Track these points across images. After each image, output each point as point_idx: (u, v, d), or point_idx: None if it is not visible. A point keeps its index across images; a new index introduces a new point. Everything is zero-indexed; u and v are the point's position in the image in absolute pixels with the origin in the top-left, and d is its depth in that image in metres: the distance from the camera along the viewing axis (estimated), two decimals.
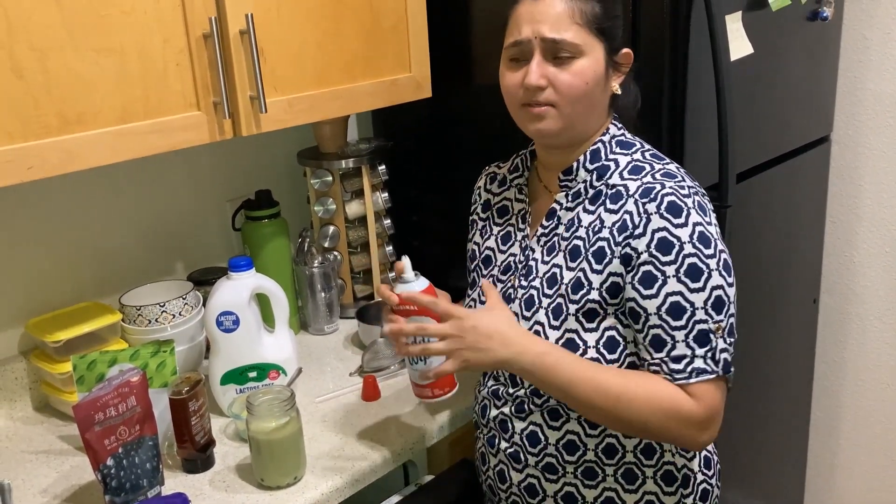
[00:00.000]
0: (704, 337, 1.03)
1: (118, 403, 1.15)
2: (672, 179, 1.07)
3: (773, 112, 1.68)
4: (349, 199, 1.75)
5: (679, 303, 1.03)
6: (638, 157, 1.13)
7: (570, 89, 1.08)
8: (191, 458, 1.26)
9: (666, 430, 1.04)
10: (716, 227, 1.07)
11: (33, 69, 1.09)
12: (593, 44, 1.08)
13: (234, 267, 1.37)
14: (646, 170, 1.10)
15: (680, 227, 1.03)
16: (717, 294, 1.03)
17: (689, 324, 1.03)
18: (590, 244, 1.10)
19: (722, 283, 1.04)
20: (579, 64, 1.08)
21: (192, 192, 1.71)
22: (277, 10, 1.34)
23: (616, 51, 1.11)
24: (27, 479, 1.28)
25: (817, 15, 1.71)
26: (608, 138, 1.15)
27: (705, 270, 1.03)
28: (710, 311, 1.03)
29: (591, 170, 1.14)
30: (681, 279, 1.03)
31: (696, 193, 1.07)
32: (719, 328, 1.04)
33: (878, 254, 2.00)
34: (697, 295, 1.03)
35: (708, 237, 1.04)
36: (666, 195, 1.05)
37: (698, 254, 1.03)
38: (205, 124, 1.28)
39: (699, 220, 1.04)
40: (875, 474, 2.14)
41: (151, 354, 1.31)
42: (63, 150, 1.14)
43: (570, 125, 1.11)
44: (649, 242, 1.04)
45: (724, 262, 1.05)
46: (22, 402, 1.48)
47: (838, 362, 2.13)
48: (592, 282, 1.08)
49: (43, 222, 1.50)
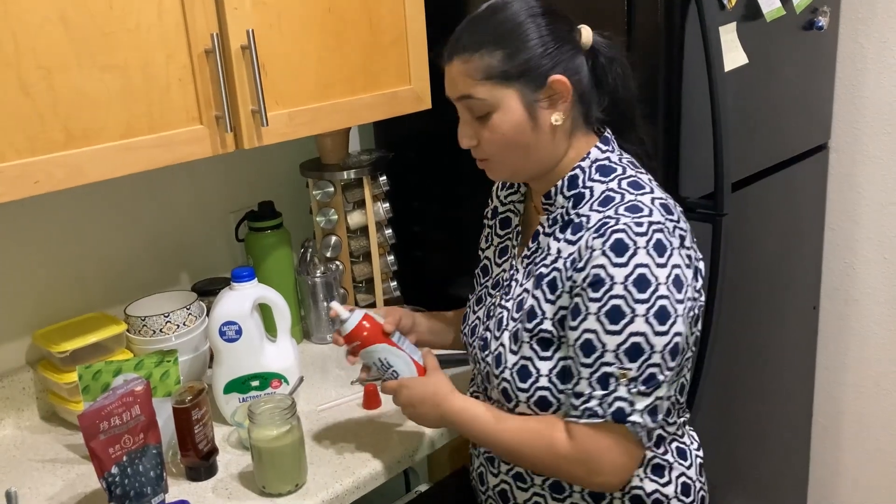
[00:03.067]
0: (606, 380, 1.01)
1: (122, 412, 1.17)
2: (634, 214, 1.03)
3: (769, 121, 1.69)
4: (351, 209, 1.77)
5: (591, 341, 1.02)
6: (614, 185, 1.09)
7: (492, 145, 1.09)
8: (194, 466, 1.28)
9: (540, 462, 1.08)
10: (674, 269, 1.01)
11: (40, 87, 1.12)
12: (504, 94, 1.06)
13: (237, 277, 1.39)
14: (615, 201, 1.06)
15: (618, 266, 1.00)
16: (635, 341, 1.00)
17: (595, 363, 1.02)
18: (547, 273, 1.09)
19: (645, 331, 1.00)
20: (495, 119, 1.07)
21: (196, 205, 1.73)
22: (278, 26, 1.36)
23: (540, 86, 1.07)
24: (34, 487, 1.30)
25: (813, 24, 1.73)
26: (588, 163, 1.12)
27: (628, 314, 0.99)
28: (622, 357, 1.00)
29: (569, 196, 1.11)
30: (599, 318, 1.01)
31: (661, 230, 1.02)
32: (625, 375, 1.00)
33: (877, 260, 2.00)
34: (611, 337, 1.00)
35: (648, 280, 0.99)
36: (615, 231, 1.01)
37: (626, 297, 0.99)
38: (207, 138, 1.31)
39: (646, 261, 1.00)
40: (877, 481, 2.15)
41: (155, 364, 1.34)
42: (69, 164, 1.16)
43: (516, 170, 1.13)
44: (585, 277, 1.02)
45: (661, 309, 1.00)
46: (29, 411, 1.50)
47: (839, 369, 2.13)
48: (546, 311, 1.08)
49: (50, 235, 1.52)
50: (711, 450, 1.72)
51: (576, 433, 1.04)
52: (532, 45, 1.06)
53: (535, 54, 1.06)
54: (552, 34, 1.07)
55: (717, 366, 1.60)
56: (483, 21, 1.10)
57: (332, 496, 1.23)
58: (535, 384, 1.09)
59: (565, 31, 1.09)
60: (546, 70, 1.06)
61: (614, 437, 1.03)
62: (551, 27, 1.07)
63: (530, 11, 1.08)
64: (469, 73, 1.07)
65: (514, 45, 1.06)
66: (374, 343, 1.22)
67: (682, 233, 1.05)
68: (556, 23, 1.08)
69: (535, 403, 1.10)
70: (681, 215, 1.08)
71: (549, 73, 1.06)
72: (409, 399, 1.19)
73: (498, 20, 1.08)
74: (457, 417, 1.15)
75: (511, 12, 1.08)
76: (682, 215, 1.09)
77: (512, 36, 1.06)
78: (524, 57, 1.06)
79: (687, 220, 1.11)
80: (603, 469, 1.04)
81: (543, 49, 1.06)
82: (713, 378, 1.59)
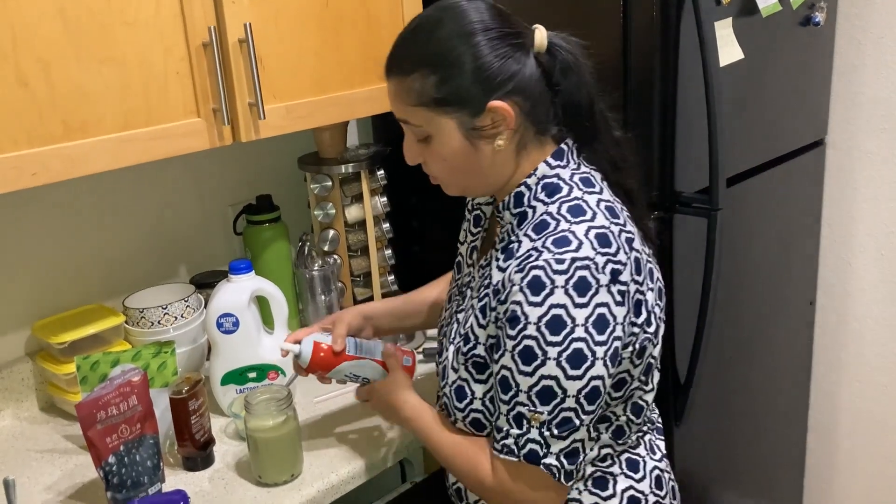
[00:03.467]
0: (520, 420, 0.98)
1: (120, 402, 1.18)
2: (558, 249, 0.95)
3: (766, 116, 1.70)
4: (349, 203, 1.78)
5: (507, 378, 0.98)
6: (553, 209, 1.01)
7: (436, 167, 1.06)
8: (191, 457, 1.29)
9: (468, 484, 1.08)
10: (598, 308, 0.94)
11: (38, 79, 1.13)
12: (440, 121, 1.00)
13: (234, 270, 1.40)
14: (547, 229, 0.98)
15: (534, 305, 0.95)
16: (547, 384, 0.95)
17: (511, 401, 0.98)
18: (481, 298, 1.05)
19: (557, 375, 0.95)
20: (434, 145, 1.02)
21: (194, 198, 1.74)
22: (275, 20, 1.37)
23: (478, 112, 0.99)
24: (32, 477, 1.31)
25: (809, 20, 1.73)
26: (534, 180, 1.04)
27: (539, 357, 0.95)
28: (534, 399, 0.96)
29: (515, 214, 1.05)
30: (514, 357, 0.97)
31: (586, 268, 0.94)
32: (535, 418, 0.97)
33: (874, 256, 2.01)
34: (524, 378, 0.96)
35: (562, 323, 0.94)
36: (534, 268, 0.95)
37: (539, 339, 0.95)
38: (205, 131, 1.32)
39: (563, 301, 0.93)
40: (874, 476, 2.15)
41: (153, 355, 1.35)
42: (66, 156, 1.17)
43: (466, 189, 1.09)
44: (505, 311, 0.98)
45: (575, 353, 0.94)
46: (28, 402, 1.52)
47: (835, 364, 2.14)
48: (479, 337, 1.04)
49: (49, 228, 1.53)
50: (707, 445, 1.74)
51: (496, 468, 1.02)
52: (467, 70, 0.97)
53: (470, 80, 0.97)
54: (493, 53, 0.97)
55: (713, 360, 1.61)
56: (415, 41, 1.02)
57: (327, 486, 1.24)
58: (470, 406, 1.07)
59: (511, 43, 0.99)
60: (484, 96, 0.98)
61: (532, 476, 1.00)
62: (492, 44, 0.98)
63: (467, 29, 0.98)
64: (402, 98, 1.01)
65: (447, 69, 0.98)
66: (334, 366, 1.24)
67: (616, 267, 0.96)
68: (498, 38, 0.98)
69: (470, 423, 1.08)
70: (623, 246, 0.98)
71: (487, 100, 0.98)
72: (376, 405, 1.23)
73: (431, 40, 1.00)
74: (407, 425, 1.17)
75: (445, 32, 0.99)
76: (625, 245, 0.99)
77: (446, 59, 0.98)
78: (459, 83, 0.97)
79: (645, 243, 1.05)
80: (516, 501, 1.03)
81: (480, 73, 0.97)
82: (708, 373, 1.60)
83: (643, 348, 1.03)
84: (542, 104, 1.02)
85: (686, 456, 1.66)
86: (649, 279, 1.03)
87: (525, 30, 1.02)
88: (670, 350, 1.57)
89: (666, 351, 1.56)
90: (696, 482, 1.74)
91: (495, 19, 1.00)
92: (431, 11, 1.03)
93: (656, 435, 1.18)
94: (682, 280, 1.53)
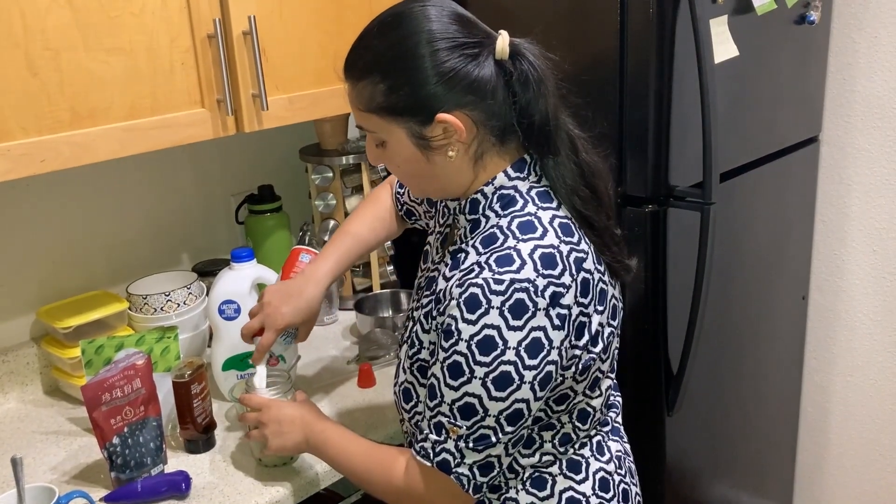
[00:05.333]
0: (440, 428, 0.98)
1: (124, 385, 1.21)
2: (499, 268, 0.93)
3: (760, 113, 1.72)
4: (349, 194, 1.81)
5: (435, 387, 0.98)
6: (504, 223, 0.98)
7: (394, 170, 1.05)
8: (193, 439, 1.32)
9: (381, 491, 1.07)
10: (533, 332, 0.93)
11: (47, 67, 1.16)
12: (390, 128, 0.98)
13: (236, 258, 1.43)
14: (495, 244, 0.97)
15: (468, 322, 0.93)
16: (469, 401, 0.95)
17: (434, 409, 0.98)
18: (427, 303, 1.04)
19: (480, 394, 0.94)
20: (388, 150, 1.01)
21: (197, 187, 1.77)
22: (279, 12, 1.39)
23: (428, 122, 0.96)
24: (37, 458, 1.34)
25: (804, 18, 1.76)
26: (491, 190, 1.01)
27: (465, 374, 0.94)
28: (455, 412, 0.96)
29: (469, 220, 1.03)
30: (443, 369, 0.96)
31: (525, 290, 0.92)
32: (454, 430, 0.97)
33: (866, 252, 2.03)
34: (448, 391, 0.96)
35: (493, 344, 0.92)
36: (473, 285, 0.93)
37: (468, 356, 0.94)
38: (209, 121, 1.34)
39: (497, 322, 0.92)
40: (864, 470, 2.18)
41: (156, 340, 1.37)
42: (74, 144, 1.20)
43: (424, 191, 1.09)
44: (442, 322, 0.97)
45: (502, 375, 0.93)
46: (33, 385, 1.54)
47: (828, 359, 2.16)
48: (423, 342, 1.04)
49: (55, 215, 1.56)
50: (698, 436, 1.77)
51: (410, 469, 1.02)
52: (418, 79, 0.94)
53: (420, 89, 0.94)
54: (446, 62, 0.94)
55: (705, 353, 1.64)
56: (368, 45, 0.99)
57: (325, 469, 1.27)
58: (415, 408, 1.07)
59: (467, 53, 0.95)
60: (434, 107, 0.95)
61: (441, 483, 1.00)
62: (447, 53, 0.94)
63: (421, 36, 0.94)
64: (355, 102, 1.00)
65: (397, 77, 0.95)
66: None
67: (557, 290, 0.94)
68: (454, 47, 0.94)
69: (415, 425, 1.08)
70: (570, 267, 0.95)
71: (436, 111, 0.95)
72: (277, 416, 1.16)
73: (384, 45, 0.97)
74: (315, 438, 1.14)
75: (397, 38, 0.96)
76: (573, 266, 0.96)
77: (397, 66, 0.95)
78: (408, 91, 0.95)
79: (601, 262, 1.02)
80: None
81: (431, 83, 0.94)
82: (701, 365, 1.62)
83: (587, 367, 1.01)
84: (500, 115, 0.97)
85: (677, 447, 1.69)
86: (598, 300, 1.00)
87: (487, 38, 0.97)
88: (663, 342, 1.59)
89: (658, 343, 1.59)
90: (688, 472, 1.76)
91: (454, 25, 0.96)
92: (388, 14, 0.99)
93: (609, 436, 1.13)
94: (675, 273, 1.56)
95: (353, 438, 1.12)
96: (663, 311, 1.57)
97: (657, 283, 1.55)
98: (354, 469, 1.10)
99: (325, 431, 1.14)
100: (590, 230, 1.02)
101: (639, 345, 1.58)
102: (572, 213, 1.01)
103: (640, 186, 1.51)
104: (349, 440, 1.12)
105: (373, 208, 1.37)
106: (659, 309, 1.57)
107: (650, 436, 1.63)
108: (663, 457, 1.66)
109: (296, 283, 1.27)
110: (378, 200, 1.37)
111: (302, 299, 1.24)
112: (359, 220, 1.35)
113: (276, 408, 1.18)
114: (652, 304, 1.56)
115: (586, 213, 1.02)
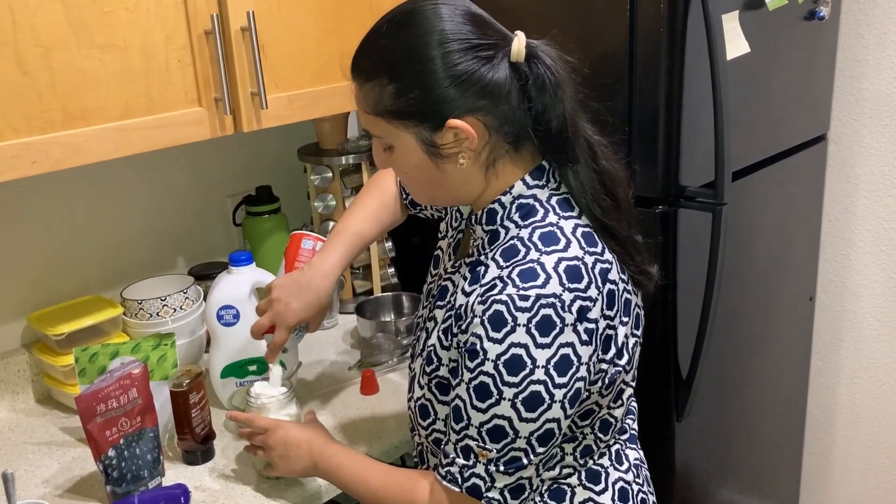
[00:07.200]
0: (468, 452, 0.94)
1: (120, 395, 1.17)
2: (524, 283, 0.89)
3: (769, 111, 1.69)
4: (349, 195, 1.77)
5: (460, 409, 0.94)
6: (525, 234, 0.94)
7: (400, 176, 1.01)
8: (191, 450, 1.28)
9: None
10: (561, 349, 0.89)
11: (38, 65, 1.11)
12: (399, 133, 0.94)
13: (235, 261, 1.39)
14: (517, 258, 0.92)
15: (493, 341, 0.89)
16: (499, 424, 0.91)
17: (461, 432, 0.94)
18: (445, 318, 1.00)
19: (510, 416, 0.90)
20: (396, 155, 0.97)
21: (193, 188, 1.72)
22: (278, 8, 1.35)
23: (438, 128, 0.91)
24: (29, 470, 1.29)
25: (814, 14, 1.73)
26: (509, 199, 0.97)
27: (494, 395, 0.90)
28: (484, 436, 0.92)
29: (487, 231, 0.98)
30: (469, 391, 0.92)
31: (551, 306, 0.88)
32: (483, 454, 0.93)
33: (874, 252, 2.01)
34: (476, 414, 0.92)
35: (521, 363, 0.89)
36: (497, 302, 0.89)
37: (496, 377, 0.90)
38: (206, 120, 1.30)
39: (524, 340, 0.88)
40: (871, 471, 2.16)
41: (153, 347, 1.33)
42: (66, 144, 1.16)
43: (433, 199, 1.05)
44: (465, 341, 0.93)
45: (533, 395, 0.89)
46: (24, 394, 1.50)
47: (834, 360, 2.14)
48: (442, 358, 1.00)
49: (46, 217, 1.51)
50: (707, 440, 1.74)
51: (436, 494, 0.98)
52: (429, 82, 0.90)
53: (431, 93, 0.90)
54: (458, 65, 0.89)
55: (714, 356, 1.61)
56: (376, 44, 0.94)
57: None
58: (433, 426, 1.03)
59: (481, 55, 0.90)
60: (445, 112, 0.90)
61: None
62: (459, 55, 0.89)
63: (432, 36, 0.90)
64: (362, 104, 0.95)
65: (407, 79, 0.91)
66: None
67: (585, 304, 0.90)
68: (467, 49, 0.90)
69: (432, 441, 1.05)
70: (595, 279, 0.92)
71: (447, 116, 0.90)
72: (284, 439, 1.13)
73: (394, 45, 0.92)
74: (326, 463, 1.10)
75: (407, 38, 0.91)
76: (598, 278, 0.92)
77: (406, 68, 0.90)
78: (418, 95, 0.90)
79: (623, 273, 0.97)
80: None
81: (442, 86, 0.89)
82: (709, 368, 1.59)
83: (613, 380, 0.98)
84: (514, 121, 0.93)
85: (687, 451, 1.66)
86: (622, 312, 0.97)
87: (502, 39, 0.93)
88: (672, 346, 1.56)
89: (668, 347, 1.56)
90: (696, 477, 1.74)
91: (468, 25, 0.91)
92: (399, 12, 0.94)
93: (627, 444, 1.11)
94: (685, 275, 1.53)
95: (367, 462, 1.09)
96: (673, 314, 1.54)
97: (666, 286, 1.51)
98: (373, 494, 1.06)
99: (336, 456, 1.10)
100: (612, 240, 0.98)
101: (648, 349, 1.54)
102: (593, 223, 0.97)
103: (650, 187, 1.47)
104: (364, 464, 1.08)
105: (378, 196, 1.32)
106: (668, 313, 1.53)
107: (659, 442, 1.60)
108: (672, 463, 1.63)
109: (304, 276, 1.22)
110: (382, 187, 1.33)
111: (312, 293, 1.20)
112: (363, 208, 1.31)
113: (284, 430, 1.14)
114: (661, 308, 1.52)
115: (608, 223, 0.97)
